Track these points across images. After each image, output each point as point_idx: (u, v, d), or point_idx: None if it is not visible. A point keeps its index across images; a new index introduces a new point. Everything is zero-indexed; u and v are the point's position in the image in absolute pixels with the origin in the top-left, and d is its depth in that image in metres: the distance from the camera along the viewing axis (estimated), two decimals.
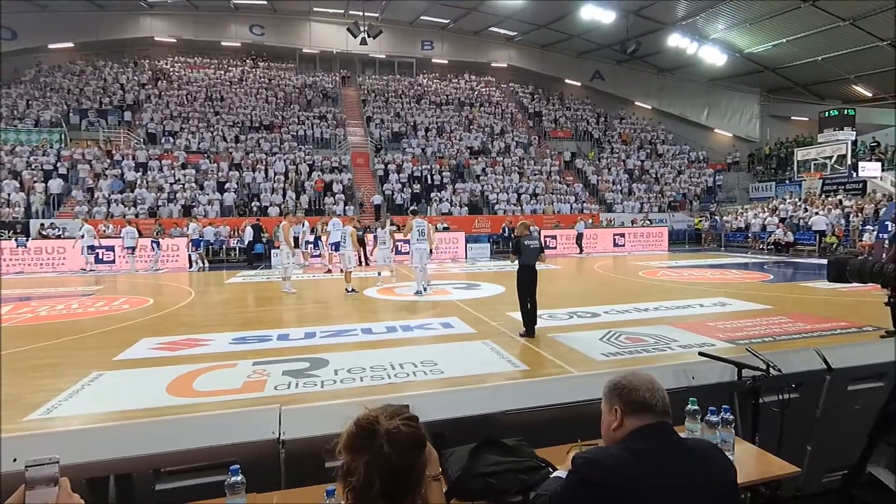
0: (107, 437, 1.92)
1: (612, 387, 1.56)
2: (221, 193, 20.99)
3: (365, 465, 1.15)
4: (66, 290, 11.90)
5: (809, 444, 2.72)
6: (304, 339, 6.89)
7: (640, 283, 12.14)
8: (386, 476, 1.16)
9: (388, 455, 1.16)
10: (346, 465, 1.18)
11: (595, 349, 6.11)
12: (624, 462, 1.40)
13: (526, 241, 6.85)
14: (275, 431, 2.00)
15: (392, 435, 1.18)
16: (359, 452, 1.17)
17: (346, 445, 1.20)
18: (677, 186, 26.63)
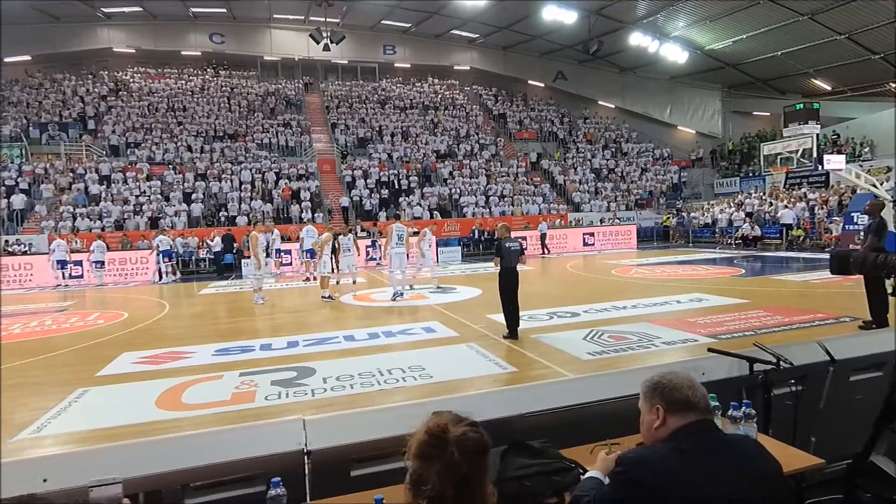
0: (135, 454, 1.96)
1: (651, 386, 1.55)
2: (188, 204, 20.71)
3: (438, 474, 1.17)
4: (37, 307, 11.66)
5: (814, 434, 2.70)
6: (287, 348, 6.99)
7: (614, 281, 12.43)
8: (458, 484, 1.17)
9: (459, 463, 1.18)
10: (418, 472, 1.20)
11: (580, 349, 6.23)
12: (672, 461, 1.39)
13: (507, 243, 6.92)
14: (300, 442, 2.02)
15: (461, 442, 1.20)
16: (430, 460, 1.19)
17: (418, 453, 1.22)
18: (643, 184, 27.34)
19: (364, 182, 23.27)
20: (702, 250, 19.37)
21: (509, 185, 24.87)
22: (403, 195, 23.00)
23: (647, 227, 24.51)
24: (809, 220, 18.71)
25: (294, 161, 24.41)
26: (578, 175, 26.96)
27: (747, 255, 17.16)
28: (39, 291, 15.15)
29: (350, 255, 12.60)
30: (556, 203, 24.81)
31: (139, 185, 21.24)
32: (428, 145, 26.89)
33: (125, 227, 19.31)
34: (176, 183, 21.57)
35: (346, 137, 26.53)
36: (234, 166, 22.97)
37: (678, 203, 25.77)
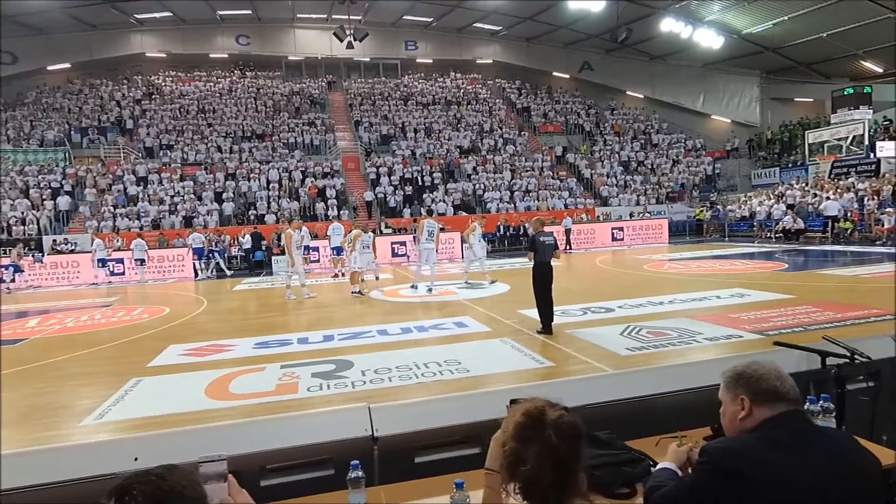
0: (217, 437, 2.11)
1: (735, 377, 1.52)
2: (219, 203, 21.31)
3: (535, 456, 1.19)
4: (84, 303, 12.24)
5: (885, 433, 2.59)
6: (323, 341, 7.18)
7: (647, 276, 12.18)
8: (556, 466, 1.19)
9: (557, 446, 1.20)
10: (515, 453, 1.23)
11: (618, 344, 6.13)
12: (762, 451, 1.36)
13: (541, 237, 6.84)
14: (367, 429, 2.10)
15: (558, 425, 1.22)
16: (527, 442, 1.22)
17: (515, 434, 1.24)
18: (674, 176, 26.61)
19: (388, 179, 23.51)
20: (739, 245, 18.64)
21: (534, 179, 24.74)
22: (427, 191, 23.16)
23: (679, 220, 23.71)
24: (858, 211, 17.68)
25: (319, 159, 24.83)
26: (606, 168, 26.59)
27: (789, 249, 16.37)
28: (86, 288, 15.86)
29: (368, 253, 12.66)
30: (583, 197, 24.57)
31: (173, 186, 21.97)
32: (451, 141, 26.95)
33: (161, 226, 20.03)
34: (207, 183, 22.22)
35: (369, 135, 26.83)
36: (261, 166, 23.50)
37: (712, 195, 24.90)
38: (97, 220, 19.98)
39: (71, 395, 5.45)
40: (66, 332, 8.83)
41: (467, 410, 2.33)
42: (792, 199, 20.29)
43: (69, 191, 21.46)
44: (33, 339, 8.29)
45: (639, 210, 23.73)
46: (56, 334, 8.66)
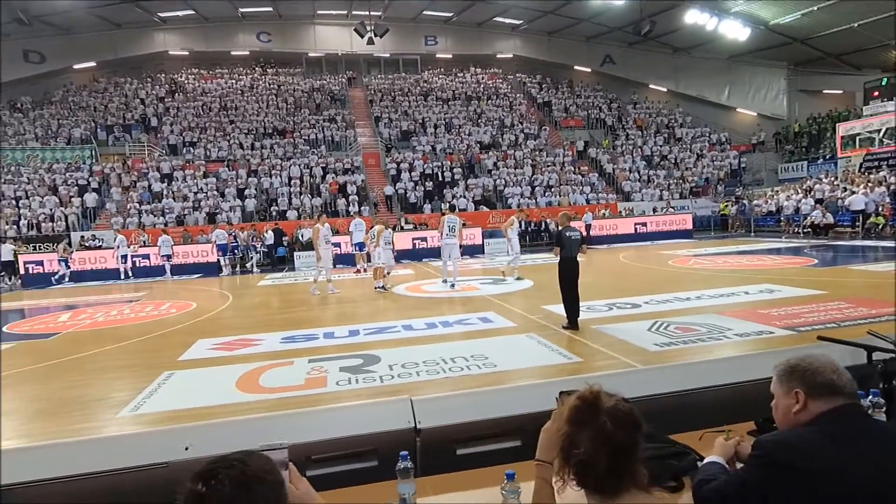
0: (265, 427, 2.13)
1: (789, 370, 1.51)
2: (242, 200, 21.54)
3: (591, 440, 1.19)
4: (113, 298, 12.49)
5: None
6: (348, 336, 7.19)
7: (672, 272, 12.03)
8: (611, 452, 1.18)
9: (613, 432, 1.19)
10: (569, 437, 1.23)
11: (645, 340, 6.06)
12: (820, 445, 1.34)
13: (567, 232, 6.79)
14: (410, 421, 2.12)
15: (613, 413, 1.21)
16: (582, 426, 1.22)
17: (570, 418, 1.24)
18: (699, 171, 26.16)
19: (409, 175, 23.50)
20: (765, 240, 18.28)
21: (555, 174, 24.51)
22: (447, 187, 23.10)
23: (704, 215, 23.32)
24: (891, 206, 17.12)
25: (340, 155, 24.94)
26: (628, 163, 26.22)
27: (818, 244, 16.02)
28: (113, 283, 16.19)
29: (389, 249, 12.64)
30: (605, 192, 24.27)
31: (197, 182, 22.27)
32: (471, 136, 26.85)
33: (185, 223, 20.32)
34: (230, 179, 22.49)
35: (389, 131, 26.86)
36: (283, 162, 23.70)
37: (738, 190, 24.43)
38: (123, 216, 20.36)
39: (105, 387, 5.54)
40: (97, 326, 9.02)
41: (507, 404, 2.35)
42: (821, 194, 19.84)
43: (96, 188, 21.93)
44: (65, 334, 8.46)
45: (662, 205, 23.37)
46: (87, 329, 8.83)
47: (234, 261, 17.32)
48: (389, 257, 12.58)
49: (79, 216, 20.64)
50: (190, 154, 24.24)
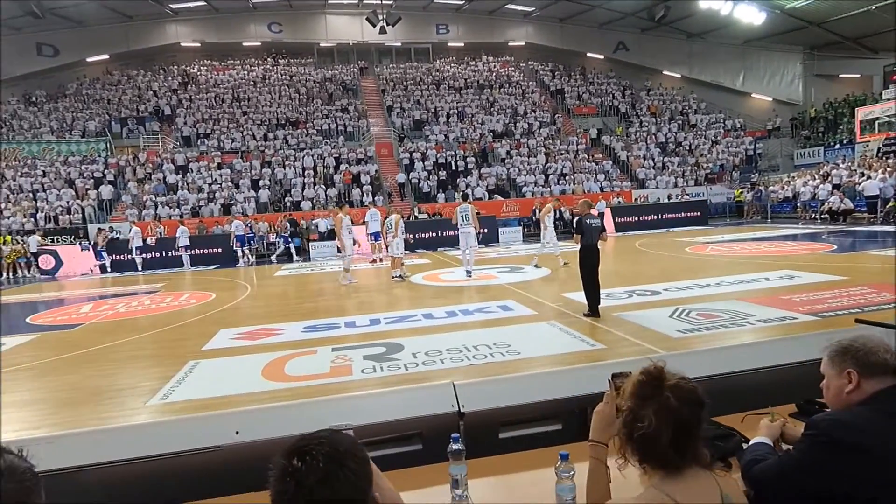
0: (313, 411, 2.17)
1: (841, 350, 1.51)
2: (256, 191, 21.63)
3: (655, 414, 1.20)
4: (132, 289, 12.62)
5: None
6: (369, 325, 7.21)
7: (689, 258, 11.95)
8: (675, 428, 1.19)
9: (677, 408, 1.20)
10: (633, 411, 1.24)
11: (668, 327, 6.01)
12: (878, 423, 1.35)
13: (587, 219, 6.76)
14: (454, 405, 2.13)
15: (677, 389, 1.23)
16: (646, 400, 1.23)
17: (634, 392, 1.26)
18: (713, 157, 25.89)
19: (422, 164, 23.42)
20: (782, 226, 18.09)
21: (569, 162, 24.30)
22: (461, 176, 22.99)
23: (719, 202, 23.23)
24: None
25: (353, 146, 24.90)
26: (642, 150, 25.92)
27: (836, 230, 15.82)
28: (132, 275, 16.37)
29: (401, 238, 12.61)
30: (619, 180, 24.03)
31: (211, 174, 22.38)
32: (484, 125, 26.68)
33: (201, 214, 20.45)
34: (244, 170, 22.56)
35: (402, 120, 26.75)
36: (296, 153, 23.72)
37: (753, 176, 24.16)
38: (139, 208, 20.53)
39: (133, 376, 5.60)
40: (119, 317, 9.12)
41: (548, 388, 2.38)
42: (838, 179, 19.57)
43: (111, 180, 22.11)
44: (88, 324, 8.55)
45: (676, 192, 23.14)
46: (110, 319, 8.93)
47: (251, 251, 17.38)
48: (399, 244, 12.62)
49: (95, 208, 20.85)
50: (204, 145, 24.35)
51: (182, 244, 16.46)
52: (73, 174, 22.12)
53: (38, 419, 4.52)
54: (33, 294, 13.33)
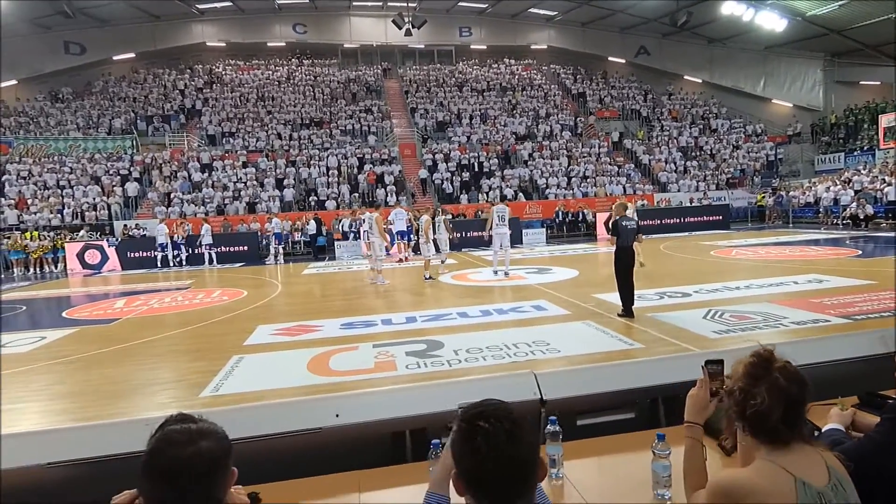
0: (405, 397, 2.27)
1: None
2: (281, 190, 21.85)
3: (767, 392, 1.30)
4: (162, 286, 12.82)
5: None
6: (406, 323, 7.26)
7: (715, 262, 11.94)
8: (785, 404, 1.29)
9: (786, 386, 1.30)
10: (744, 390, 1.34)
11: (703, 327, 6.05)
12: None
13: (623, 221, 6.83)
14: (536, 392, 2.23)
15: (784, 370, 1.33)
16: (758, 380, 1.33)
17: (747, 373, 1.36)
18: (734, 162, 25.74)
19: (445, 165, 23.50)
20: (804, 231, 18.03)
21: (591, 165, 24.22)
22: (484, 178, 23.02)
23: (740, 206, 23.12)
24: None
25: (377, 146, 25.05)
26: (664, 154, 25.75)
27: (858, 235, 15.81)
28: (159, 271, 16.63)
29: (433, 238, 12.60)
30: (642, 183, 23.88)
31: (236, 172, 22.65)
32: (507, 127, 26.70)
33: (226, 212, 20.70)
34: (269, 169, 22.81)
35: (425, 121, 26.87)
36: (320, 152, 23.93)
37: (774, 181, 24.08)
38: (164, 205, 20.84)
39: (179, 370, 5.69)
40: (154, 312, 9.26)
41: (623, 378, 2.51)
42: (859, 185, 19.55)
43: (137, 177, 22.45)
44: (125, 319, 8.68)
45: (698, 196, 23.00)
46: (146, 315, 9.08)
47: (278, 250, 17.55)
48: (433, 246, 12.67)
49: (121, 205, 21.19)
50: (229, 144, 24.68)
51: (207, 242, 16.67)
52: (99, 171, 22.46)
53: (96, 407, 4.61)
54: (64, 290, 13.58)
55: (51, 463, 1.79)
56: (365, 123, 26.49)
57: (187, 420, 1.14)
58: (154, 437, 1.10)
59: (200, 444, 1.08)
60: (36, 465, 1.77)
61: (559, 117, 27.98)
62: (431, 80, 30.49)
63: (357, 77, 30.29)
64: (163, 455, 1.06)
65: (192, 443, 1.07)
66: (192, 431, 1.10)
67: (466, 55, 32.77)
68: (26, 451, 1.82)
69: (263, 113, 26.84)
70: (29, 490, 1.74)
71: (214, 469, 1.08)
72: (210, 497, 1.08)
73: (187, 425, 1.12)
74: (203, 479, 1.07)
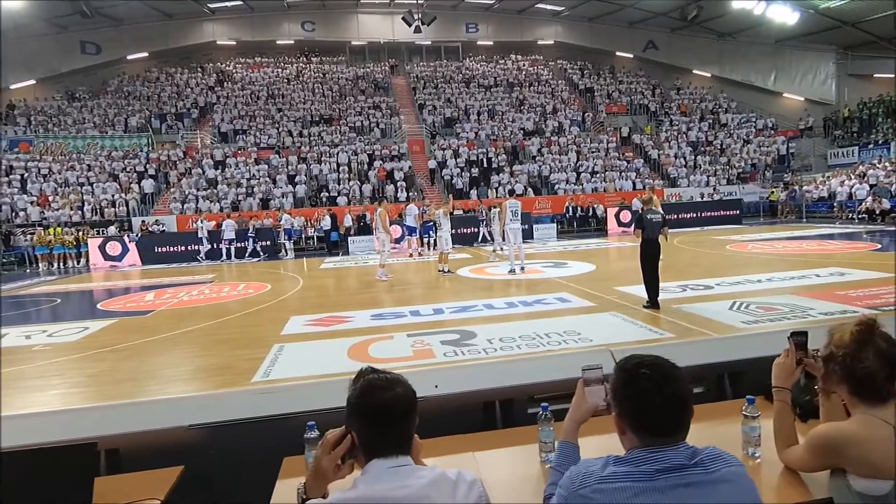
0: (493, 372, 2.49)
1: None
2: (293, 186, 22.11)
3: (874, 355, 1.45)
4: (185, 279, 13.08)
5: None
6: (433, 314, 7.45)
7: (733, 256, 12.02)
8: (888, 365, 1.45)
9: (887, 349, 1.46)
10: (851, 354, 1.49)
11: (731, 318, 6.15)
12: None
13: (648, 214, 6.92)
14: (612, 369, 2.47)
15: (883, 336, 1.50)
16: (864, 344, 1.48)
17: (853, 339, 1.51)
18: (745, 157, 25.79)
19: (454, 161, 23.69)
20: (819, 226, 18.03)
21: (600, 160, 24.36)
22: (494, 173, 23.20)
23: (752, 201, 23.18)
24: None
25: (386, 143, 25.29)
26: (673, 149, 25.85)
27: (875, 229, 15.82)
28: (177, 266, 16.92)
29: None
30: (651, 178, 24.00)
31: (249, 169, 22.93)
32: (515, 123, 26.85)
33: (240, 208, 20.98)
34: (281, 166, 23.07)
35: (433, 117, 27.05)
36: (331, 149, 24.18)
37: (786, 176, 24.07)
38: (181, 202, 21.15)
39: (226, 357, 5.91)
40: (186, 304, 9.53)
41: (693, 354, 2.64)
42: (874, 179, 19.47)
43: (153, 174, 22.80)
44: (159, 311, 8.96)
45: (709, 191, 23.09)
46: (178, 307, 9.34)
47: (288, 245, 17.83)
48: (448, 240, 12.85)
49: (138, 201, 21.55)
50: (241, 141, 24.96)
51: (227, 237, 16.96)
52: (116, 168, 22.85)
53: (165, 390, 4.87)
54: (93, 283, 13.90)
55: (192, 425, 2.11)
56: (374, 120, 26.71)
57: (377, 372, 1.39)
58: (358, 385, 1.35)
59: (397, 389, 1.32)
60: (182, 426, 2.09)
61: (567, 113, 28.09)
62: (438, 76, 30.66)
63: (365, 74, 30.50)
64: (371, 397, 1.30)
65: (392, 388, 1.32)
66: (390, 379, 1.35)
67: (473, 51, 32.91)
68: (173, 415, 2.16)
69: (274, 110, 27.12)
70: (178, 445, 2.04)
71: (410, 409, 1.33)
72: (408, 432, 1.33)
73: (383, 375, 1.37)
74: (403, 417, 1.31)
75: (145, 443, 2.01)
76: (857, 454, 1.39)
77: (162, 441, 2.02)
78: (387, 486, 1.20)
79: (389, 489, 1.19)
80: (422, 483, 1.22)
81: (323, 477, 1.33)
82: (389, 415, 1.29)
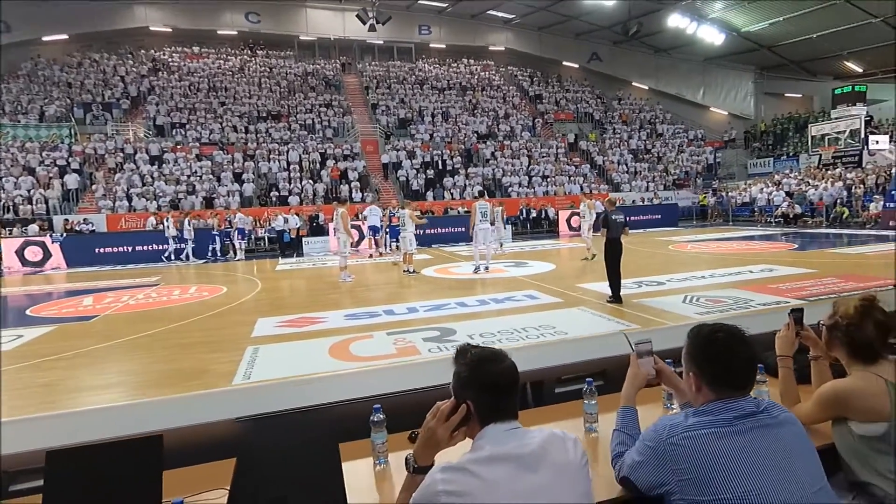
0: (528, 356, 2.52)
1: None
2: (240, 184, 21.13)
3: (874, 325, 1.74)
4: (126, 283, 12.11)
5: None
6: (408, 313, 7.38)
7: (676, 255, 12.83)
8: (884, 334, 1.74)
9: (885, 320, 1.75)
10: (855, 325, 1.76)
11: (686, 310, 6.72)
12: None
13: (613, 215, 7.49)
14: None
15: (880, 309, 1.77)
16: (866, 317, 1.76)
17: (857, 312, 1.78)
18: (679, 165, 27.51)
19: (409, 162, 23.56)
20: (744, 228, 19.75)
21: (550, 165, 25.07)
22: (448, 175, 23.29)
23: (685, 206, 24.81)
24: (846, 199, 19.23)
25: (339, 142, 24.72)
26: (616, 156, 27.08)
27: (791, 231, 17.67)
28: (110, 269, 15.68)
29: None
30: (597, 183, 25.01)
31: (190, 165, 21.64)
32: (469, 126, 27.10)
33: (181, 207, 19.73)
34: (226, 163, 21.98)
35: (387, 118, 26.78)
36: (280, 147, 23.33)
37: (714, 183, 26.05)
38: (111, 199, 19.59)
39: (199, 360, 5.54)
40: (135, 308, 8.81)
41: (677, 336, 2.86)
42: (788, 187, 21.59)
43: (77, 169, 20.88)
44: (104, 316, 8.24)
45: (649, 196, 24.39)
46: (125, 311, 8.63)
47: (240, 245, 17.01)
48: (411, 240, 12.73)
49: (59, 198, 19.67)
50: (179, 136, 23.53)
51: (187, 236, 16.00)
52: (31, 161, 20.67)
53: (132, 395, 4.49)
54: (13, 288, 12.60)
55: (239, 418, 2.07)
56: (325, 118, 26.06)
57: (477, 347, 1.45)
58: (467, 359, 1.41)
59: (506, 361, 1.40)
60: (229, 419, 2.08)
61: (518, 118, 28.72)
62: (392, 76, 30.42)
63: (315, 71, 29.71)
64: (483, 369, 1.38)
65: (500, 360, 1.40)
66: (496, 352, 1.43)
67: (426, 53, 32.94)
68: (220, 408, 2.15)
69: (216, 104, 25.80)
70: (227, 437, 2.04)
71: (517, 378, 1.42)
72: (516, 399, 1.44)
73: (488, 349, 1.44)
74: (513, 386, 1.41)
75: (192, 437, 1.98)
76: (859, 403, 1.65)
77: (210, 434, 2.01)
78: (511, 445, 1.31)
79: (515, 447, 1.30)
80: (540, 440, 1.34)
81: (436, 445, 1.41)
82: (503, 384, 1.39)
